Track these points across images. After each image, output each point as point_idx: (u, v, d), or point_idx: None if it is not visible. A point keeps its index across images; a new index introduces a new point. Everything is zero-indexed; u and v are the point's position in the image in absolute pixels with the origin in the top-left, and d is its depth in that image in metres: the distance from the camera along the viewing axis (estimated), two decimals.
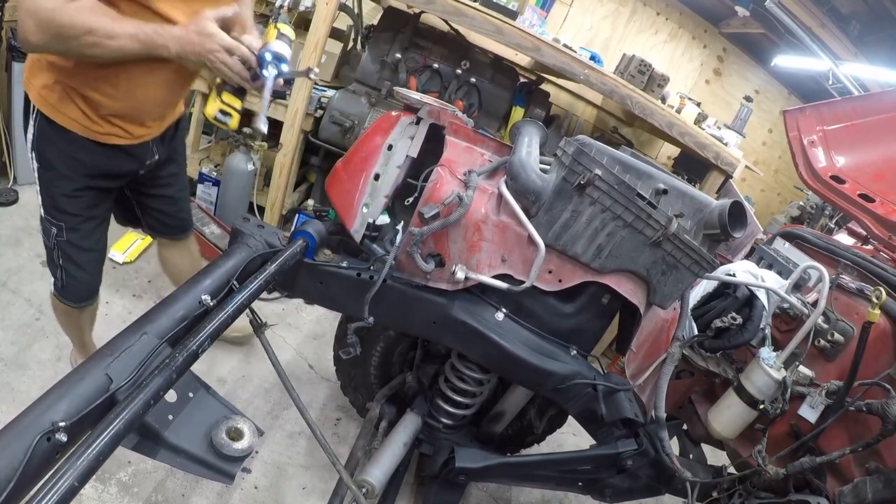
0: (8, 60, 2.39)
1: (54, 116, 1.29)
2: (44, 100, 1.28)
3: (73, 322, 1.70)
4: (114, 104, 1.30)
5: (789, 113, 2.01)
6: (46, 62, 1.26)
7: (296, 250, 1.29)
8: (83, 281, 1.52)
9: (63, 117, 1.29)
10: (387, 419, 1.82)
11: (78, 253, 1.47)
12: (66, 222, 1.41)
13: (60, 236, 1.43)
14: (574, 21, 4.21)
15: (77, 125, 1.31)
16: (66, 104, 1.28)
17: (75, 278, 1.50)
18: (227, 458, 0.92)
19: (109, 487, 1.61)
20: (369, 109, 2.91)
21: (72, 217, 1.41)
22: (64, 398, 0.72)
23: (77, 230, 1.43)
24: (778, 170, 4.82)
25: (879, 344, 1.36)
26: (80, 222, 1.43)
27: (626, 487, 1.59)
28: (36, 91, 1.29)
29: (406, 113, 1.52)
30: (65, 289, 1.53)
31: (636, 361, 1.50)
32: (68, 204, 1.39)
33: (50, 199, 1.39)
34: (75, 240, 1.45)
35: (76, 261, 1.48)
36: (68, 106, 1.28)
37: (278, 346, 2.40)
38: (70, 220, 1.42)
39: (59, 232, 1.42)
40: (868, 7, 3.47)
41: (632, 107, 2.66)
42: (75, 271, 1.49)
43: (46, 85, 1.27)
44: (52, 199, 1.38)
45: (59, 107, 1.28)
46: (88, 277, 1.54)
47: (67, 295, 1.55)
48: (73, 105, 1.28)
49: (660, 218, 1.22)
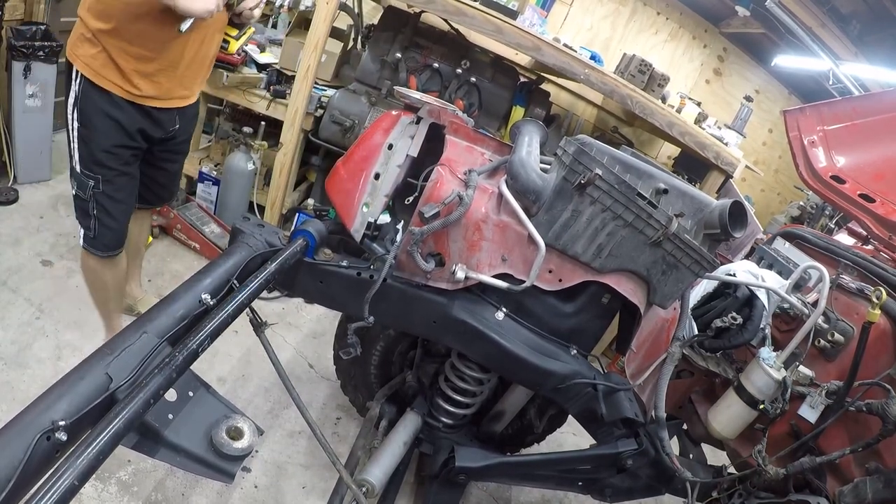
0: (8, 60, 2.39)
1: (97, 80, 1.50)
2: (87, 66, 1.49)
3: (100, 282, 1.83)
4: (149, 64, 1.51)
5: (789, 113, 2.01)
6: (90, 34, 1.47)
7: (296, 249, 1.29)
8: (113, 229, 1.69)
9: (105, 81, 1.50)
10: (387, 418, 1.82)
11: (112, 204, 1.64)
12: (102, 175, 1.59)
13: (97, 188, 1.60)
14: (574, 21, 4.21)
15: (117, 87, 1.51)
16: (107, 69, 1.49)
17: (107, 227, 1.67)
18: (227, 457, 0.92)
19: (109, 486, 1.61)
20: (369, 109, 2.91)
21: (108, 170, 1.59)
22: (64, 397, 0.72)
23: (112, 182, 1.62)
24: (778, 170, 4.82)
25: (879, 344, 1.36)
26: (115, 175, 1.61)
27: (626, 487, 1.59)
28: (81, 60, 1.50)
29: (406, 112, 1.52)
30: (95, 239, 1.69)
31: (636, 361, 1.50)
32: (106, 158, 1.58)
33: (89, 154, 1.57)
34: (110, 191, 1.62)
35: (109, 211, 1.65)
36: (110, 71, 1.50)
37: (278, 346, 2.39)
38: (107, 174, 1.60)
39: (97, 184, 1.60)
40: (868, 7, 3.47)
41: (632, 106, 2.66)
42: (108, 220, 1.66)
43: (90, 54, 1.49)
44: (92, 154, 1.57)
45: (101, 72, 1.49)
46: (118, 226, 1.71)
47: (96, 245, 1.70)
48: (114, 70, 1.49)
49: (660, 217, 1.21)
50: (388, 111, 1.62)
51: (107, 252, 1.72)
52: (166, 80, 1.58)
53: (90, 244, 1.70)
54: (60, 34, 2.67)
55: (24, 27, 2.39)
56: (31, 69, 2.43)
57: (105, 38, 1.47)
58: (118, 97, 1.53)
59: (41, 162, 2.73)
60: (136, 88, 1.53)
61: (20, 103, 2.48)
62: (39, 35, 2.43)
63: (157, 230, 2.72)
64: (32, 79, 2.46)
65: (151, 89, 1.56)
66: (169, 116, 1.68)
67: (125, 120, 1.56)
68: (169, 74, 1.58)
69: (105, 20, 1.45)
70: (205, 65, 1.71)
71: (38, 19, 2.54)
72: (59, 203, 2.68)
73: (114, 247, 1.73)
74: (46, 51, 2.45)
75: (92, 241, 1.69)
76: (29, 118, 2.55)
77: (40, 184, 2.74)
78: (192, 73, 1.66)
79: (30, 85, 2.47)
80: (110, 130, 1.56)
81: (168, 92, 1.62)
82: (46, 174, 2.78)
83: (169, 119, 1.69)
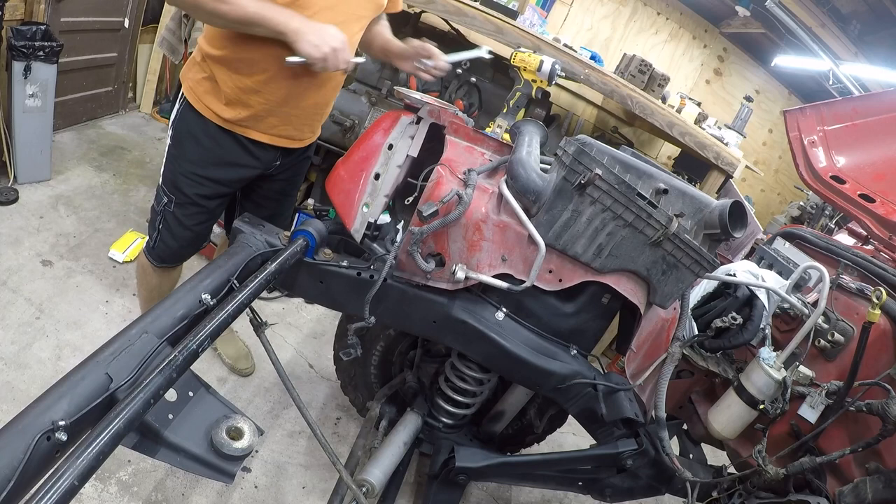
0: (8, 60, 2.39)
1: (197, 105, 1.49)
2: (192, 90, 1.50)
3: (148, 280, 1.80)
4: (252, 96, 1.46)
5: (790, 113, 2.01)
6: (200, 58, 1.48)
7: (296, 249, 1.29)
8: (172, 249, 1.67)
9: (203, 107, 1.49)
10: (387, 418, 1.81)
11: (178, 227, 1.62)
12: (176, 197, 1.57)
13: (168, 207, 1.59)
14: (574, 21, 4.21)
15: (214, 115, 1.49)
16: (209, 97, 1.48)
17: (167, 245, 1.65)
18: (227, 457, 0.92)
19: (109, 486, 1.61)
20: (369, 109, 2.91)
21: (183, 196, 1.57)
22: (64, 397, 0.72)
23: (184, 208, 1.59)
24: (778, 170, 4.82)
25: (879, 344, 1.36)
26: (188, 203, 1.58)
27: (626, 487, 1.59)
28: (188, 83, 1.51)
29: (406, 112, 1.52)
30: (154, 249, 1.67)
31: (636, 361, 1.50)
32: (185, 183, 1.56)
33: (171, 174, 1.56)
34: (180, 215, 1.60)
35: (174, 232, 1.63)
36: (211, 99, 1.48)
37: (278, 346, 2.39)
38: (181, 198, 1.57)
39: (169, 203, 1.58)
40: (868, 7, 3.47)
41: (632, 106, 2.66)
42: (169, 240, 1.64)
43: (197, 79, 1.49)
44: (173, 176, 1.56)
45: (203, 98, 1.49)
46: (178, 248, 1.68)
47: (153, 255, 1.69)
48: (215, 98, 1.48)
49: (660, 218, 1.21)
50: (388, 111, 1.62)
51: (161, 264, 1.70)
52: (269, 114, 1.51)
53: (148, 252, 1.69)
54: (60, 34, 2.67)
55: (25, 27, 2.39)
56: (31, 69, 2.43)
57: (213, 64, 1.44)
58: (213, 126, 1.49)
59: (41, 162, 2.73)
60: (234, 114, 1.48)
61: (20, 103, 2.48)
62: (39, 35, 2.43)
63: None
64: (32, 79, 2.46)
65: (250, 119, 1.50)
66: (268, 153, 1.61)
67: (216, 149, 1.52)
68: (274, 110, 1.50)
69: (217, 46, 1.43)
70: (320, 111, 1.64)
71: (38, 19, 2.54)
72: (59, 203, 2.68)
73: (169, 262, 1.71)
74: (46, 51, 2.45)
75: (150, 251, 1.68)
76: (29, 118, 2.55)
77: (40, 184, 2.74)
78: (303, 116, 1.58)
79: (30, 85, 2.47)
80: (198, 157, 1.53)
81: (271, 127, 1.54)
82: (46, 174, 2.78)
83: (268, 156, 1.61)
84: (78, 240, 2.51)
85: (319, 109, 1.63)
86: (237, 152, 1.56)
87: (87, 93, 3.43)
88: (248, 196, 1.78)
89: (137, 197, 3.00)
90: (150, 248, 1.67)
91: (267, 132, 1.55)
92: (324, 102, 1.62)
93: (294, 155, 1.71)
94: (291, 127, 1.59)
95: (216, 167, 1.55)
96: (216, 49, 1.43)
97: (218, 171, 1.56)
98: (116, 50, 3.52)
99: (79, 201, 2.76)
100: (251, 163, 1.60)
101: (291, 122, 1.57)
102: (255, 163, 1.60)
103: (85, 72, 3.30)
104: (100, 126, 3.58)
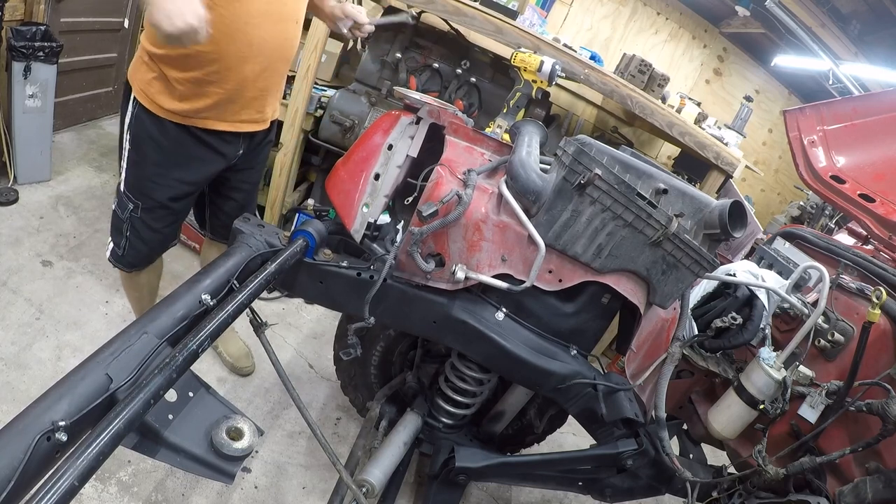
0: (8, 60, 2.39)
1: (150, 107, 1.43)
2: (143, 92, 1.43)
3: (132, 284, 1.79)
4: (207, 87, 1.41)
5: (789, 113, 2.01)
6: (147, 57, 1.41)
7: (296, 250, 1.29)
8: (142, 253, 1.63)
9: (158, 108, 1.43)
10: (387, 419, 1.82)
11: (147, 231, 1.58)
12: (143, 202, 1.52)
13: (135, 213, 1.54)
14: (574, 21, 4.21)
15: (171, 114, 1.43)
16: (162, 96, 1.42)
17: (137, 249, 1.61)
18: (227, 457, 0.92)
19: (109, 487, 1.61)
20: (369, 109, 2.91)
21: (151, 200, 1.52)
22: (64, 397, 0.72)
23: (152, 212, 1.55)
24: (778, 170, 4.82)
25: (879, 344, 1.36)
26: (156, 206, 1.54)
27: (626, 487, 1.59)
28: (137, 85, 1.44)
29: (406, 112, 1.52)
30: (122, 257, 1.63)
31: (636, 361, 1.50)
32: (151, 188, 1.51)
33: (135, 179, 1.50)
34: (148, 220, 1.56)
35: (143, 237, 1.59)
36: (164, 97, 1.42)
37: (278, 346, 2.39)
38: (148, 202, 1.52)
39: (135, 209, 1.53)
40: (868, 7, 3.47)
41: (632, 106, 2.66)
42: (139, 245, 1.60)
43: (146, 79, 1.42)
44: (137, 181, 1.50)
45: (155, 98, 1.42)
46: (149, 252, 1.65)
47: (122, 262, 1.65)
48: (168, 95, 1.42)
49: (660, 218, 1.21)
50: (388, 111, 1.62)
51: (132, 269, 1.68)
52: (229, 101, 1.47)
53: (116, 259, 1.65)
54: (60, 34, 2.67)
55: (24, 27, 2.39)
56: (31, 69, 2.43)
57: (160, 62, 1.40)
58: (171, 125, 1.44)
59: (41, 162, 2.73)
60: (190, 107, 1.43)
61: (20, 103, 2.48)
62: (39, 35, 2.43)
63: None
64: (32, 79, 2.46)
65: (210, 109, 1.45)
66: (231, 142, 1.57)
67: (178, 150, 1.48)
68: (234, 97, 1.47)
69: (158, 44, 1.37)
70: (279, 83, 1.59)
71: (38, 20, 2.54)
72: (59, 203, 2.68)
73: (140, 265, 1.68)
74: (46, 51, 2.45)
75: (119, 258, 1.64)
76: (29, 118, 2.55)
77: (40, 184, 2.74)
78: (262, 96, 1.53)
79: (30, 85, 2.47)
80: (161, 160, 1.48)
81: (233, 114, 1.50)
82: (46, 174, 2.78)
83: (231, 145, 1.58)
84: (78, 240, 2.51)
85: (276, 84, 1.58)
86: (199, 149, 1.51)
87: (87, 93, 3.43)
88: (216, 189, 1.75)
89: None
90: (119, 256, 1.63)
91: (229, 119, 1.50)
92: (279, 77, 1.56)
93: (256, 139, 1.66)
94: (253, 109, 1.54)
95: (180, 167, 1.50)
96: (159, 47, 1.38)
97: (183, 170, 1.51)
98: (116, 50, 3.52)
99: (79, 201, 2.76)
100: (215, 157, 1.55)
101: (252, 105, 1.52)
102: (219, 157, 1.56)
103: (85, 72, 3.30)
104: (100, 126, 3.58)
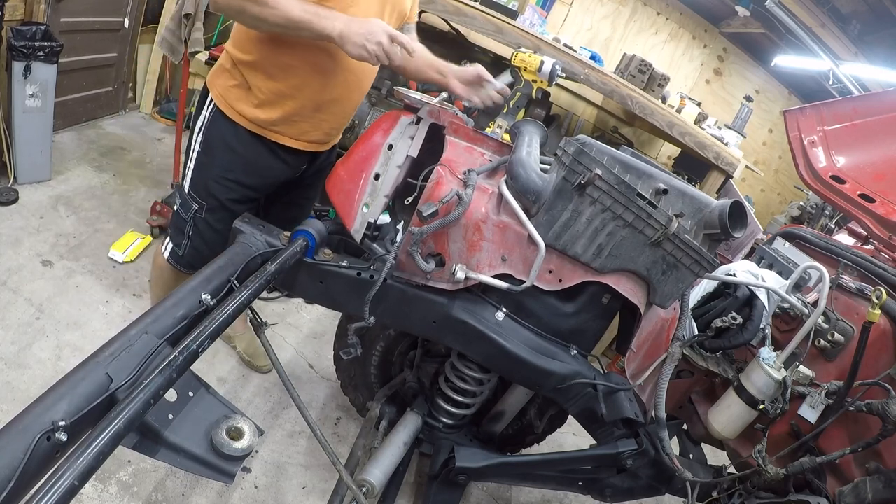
0: (8, 60, 2.39)
1: (228, 112, 1.49)
2: (222, 97, 1.49)
3: (165, 281, 1.79)
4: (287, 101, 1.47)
5: (789, 113, 2.01)
6: (230, 64, 1.48)
7: (296, 250, 1.29)
8: (203, 254, 1.64)
9: (235, 114, 1.49)
10: (387, 419, 1.81)
11: (210, 232, 1.61)
12: (208, 203, 1.57)
13: (199, 213, 1.58)
14: (574, 21, 4.21)
15: (246, 121, 1.49)
16: (241, 103, 1.48)
17: (198, 250, 1.63)
18: (227, 457, 0.92)
19: (109, 487, 1.61)
20: (369, 109, 2.91)
21: (216, 201, 1.57)
22: (64, 397, 0.72)
23: (215, 213, 1.58)
24: (778, 170, 4.82)
25: (879, 344, 1.36)
26: (219, 207, 1.58)
27: (626, 487, 1.59)
28: (217, 90, 1.51)
29: (406, 112, 1.52)
30: (182, 257, 1.66)
31: (636, 361, 1.50)
32: (218, 189, 1.55)
33: (202, 180, 1.55)
34: (212, 220, 1.59)
35: (205, 238, 1.61)
36: (243, 105, 1.48)
37: (278, 346, 2.39)
38: (213, 203, 1.57)
39: (199, 210, 1.57)
40: (868, 7, 3.47)
41: (632, 107, 2.66)
42: (201, 246, 1.63)
43: (227, 85, 1.49)
44: (205, 181, 1.55)
45: (234, 105, 1.48)
46: (210, 252, 1.63)
47: (182, 263, 1.67)
48: (247, 104, 1.48)
49: (660, 218, 1.21)
50: (388, 111, 1.62)
51: (190, 270, 1.68)
52: (302, 119, 1.53)
53: (176, 260, 1.67)
54: (60, 34, 2.67)
55: (24, 27, 2.39)
56: (31, 69, 2.43)
57: (245, 69, 1.44)
58: (244, 132, 1.50)
59: (41, 162, 2.73)
60: (266, 116, 1.48)
61: (20, 103, 2.48)
62: (39, 35, 2.43)
63: (156, 230, 2.72)
64: (32, 79, 2.46)
65: (283, 124, 1.51)
66: (298, 158, 1.63)
67: (248, 155, 1.53)
68: (307, 116, 1.52)
69: (247, 51, 1.43)
70: (347, 115, 1.65)
71: (38, 19, 2.54)
72: (59, 203, 2.68)
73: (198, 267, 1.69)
74: (46, 51, 2.45)
75: (178, 259, 1.66)
76: (29, 118, 2.55)
77: (40, 184, 2.74)
78: (332, 120, 1.60)
79: (30, 85, 2.47)
80: (229, 163, 1.53)
81: (302, 133, 1.56)
82: (46, 174, 2.78)
83: (298, 161, 1.64)
84: (78, 240, 2.51)
85: (347, 114, 1.64)
86: (268, 158, 1.57)
87: (87, 93, 3.43)
88: (274, 200, 1.78)
89: (137, 197, 3.00)
90: (179, 256, 1.66)
91: (298, 138, 1.57)
92: (352, 107, 1.64)
93: (320, 159, 1.73)
94: (321, 132, 1.60)
95: (247, 172, 1.56)
96: (247, 54, 1.43)
97: (250, 176, 1.57)
98: (116, 50, 3.52)
99: (79, 201, 2.76)
100: (282, 168, 1.62)
101: (321, 126, 1.59)
102: (286, 168, 1.62)
103: (85, 72, 3.30)
104: (100, 126, 3.58)
